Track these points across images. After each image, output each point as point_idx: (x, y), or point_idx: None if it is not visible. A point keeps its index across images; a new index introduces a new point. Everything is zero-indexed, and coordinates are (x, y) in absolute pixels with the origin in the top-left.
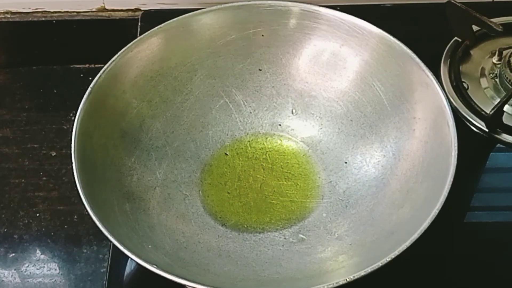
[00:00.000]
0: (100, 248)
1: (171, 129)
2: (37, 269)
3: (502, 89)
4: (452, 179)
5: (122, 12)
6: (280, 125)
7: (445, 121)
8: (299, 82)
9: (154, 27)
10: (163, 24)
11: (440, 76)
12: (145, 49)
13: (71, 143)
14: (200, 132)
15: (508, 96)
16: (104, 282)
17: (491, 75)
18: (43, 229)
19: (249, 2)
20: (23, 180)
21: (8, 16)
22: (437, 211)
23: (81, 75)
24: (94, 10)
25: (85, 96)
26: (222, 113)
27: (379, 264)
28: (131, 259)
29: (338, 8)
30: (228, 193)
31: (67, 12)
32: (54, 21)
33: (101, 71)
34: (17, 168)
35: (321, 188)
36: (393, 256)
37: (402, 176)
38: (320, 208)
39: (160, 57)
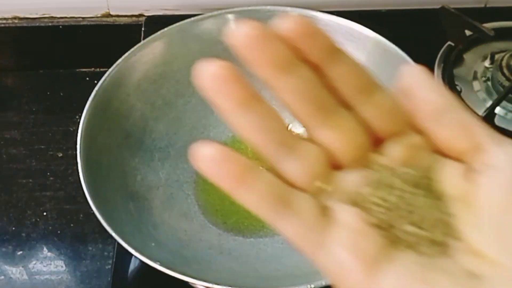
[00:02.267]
0: (105, 246)
1: (174, 131)
2: (44, 266)
3: (494, 92)
4: None
5: (126, 18)
6: None
7: None
8: None
9: (157, 32)
10: (165, 29)
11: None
12: (148, 53)
13: (76, 144)
14: (201, 134)
15: (499, 99)
16: (109, 278)
17: (483, 78)
18: (50, 228)
19: (249, 8)
20: (30, 180)
21: (16, 21)
22: None
23: (87, 78)
24: (99, 15)
25: (90, 99)
26: None
27: None
28: (135, 256)
29: (335, 13)
30: None
31: (73, 17)
32: (60, 26)
33: (106, 75)
34: (25, 169)
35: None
36: None
37: None
38: None
39: (163, 61)
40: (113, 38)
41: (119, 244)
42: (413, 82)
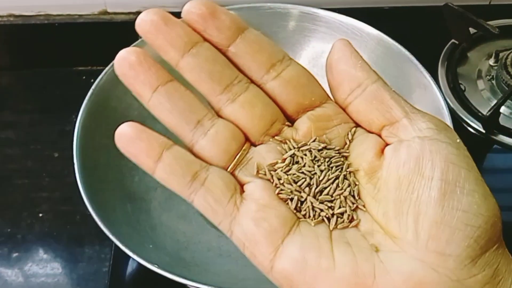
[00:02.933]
0: (102, 248)
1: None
2: (40, 268)
3: (498, 91)
4: None
5: (123, 15)
6: None
7: None
8: None
9: None
10: None
11: (438, 78)
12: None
13: (73, 144)
14: None
15: (504, 98)
16: (106, 281)
17: (487, 77)
18: (46, 229)
19: (249, 5)
20: (26, 181)
21: (12, 19)
22: None
23: (84, 77)
24: (96, 13)
25: (87, 98)
26: None
27: None
28: (133, 258)
29: (337, 11)
30: None
31: (70, 15)
32: (56, 24)
33: (103, 73)
34: (20, 169)
35: None
36: None
37: None
38: None
39: (161, 59)
40: (110, 35)
41: (116, 246)
42: (337, 56)
